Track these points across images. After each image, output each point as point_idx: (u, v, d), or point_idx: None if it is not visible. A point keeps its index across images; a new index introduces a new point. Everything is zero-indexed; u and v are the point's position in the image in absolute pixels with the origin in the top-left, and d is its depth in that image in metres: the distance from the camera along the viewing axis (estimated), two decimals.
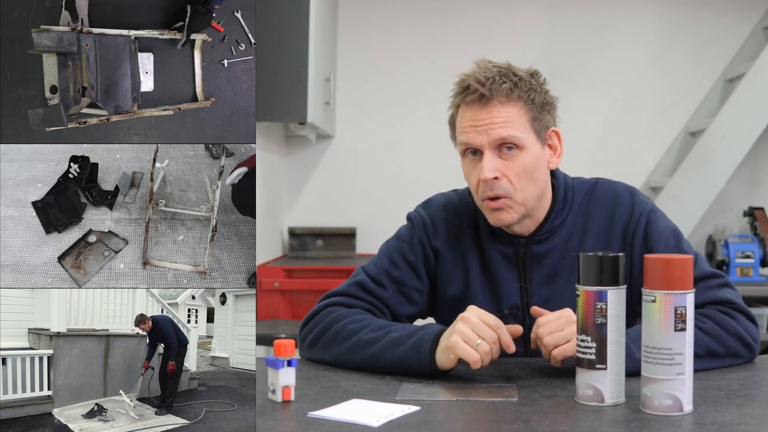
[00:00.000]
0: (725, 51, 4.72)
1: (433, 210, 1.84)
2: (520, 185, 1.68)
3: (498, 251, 1.77)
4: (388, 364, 1.60)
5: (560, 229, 1.76)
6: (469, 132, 1.68)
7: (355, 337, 1.65)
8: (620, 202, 1.76)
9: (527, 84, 1.68)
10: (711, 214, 4.48)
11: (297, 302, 3.92)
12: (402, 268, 1.80)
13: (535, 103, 1.69)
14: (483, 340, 1.51)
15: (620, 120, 4.72)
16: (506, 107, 1.66)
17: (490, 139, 1.66)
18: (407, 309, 1.80)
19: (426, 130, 4.68)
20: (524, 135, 1.67)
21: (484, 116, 1.66)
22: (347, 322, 1.69)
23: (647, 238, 1.73)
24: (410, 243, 1.82)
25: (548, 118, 1.73)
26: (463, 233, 1.81)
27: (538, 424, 1.29)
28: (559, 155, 1.77)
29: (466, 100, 1.68)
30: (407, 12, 4.72)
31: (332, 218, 4.72)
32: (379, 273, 1.80)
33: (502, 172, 1.67)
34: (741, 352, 1.65)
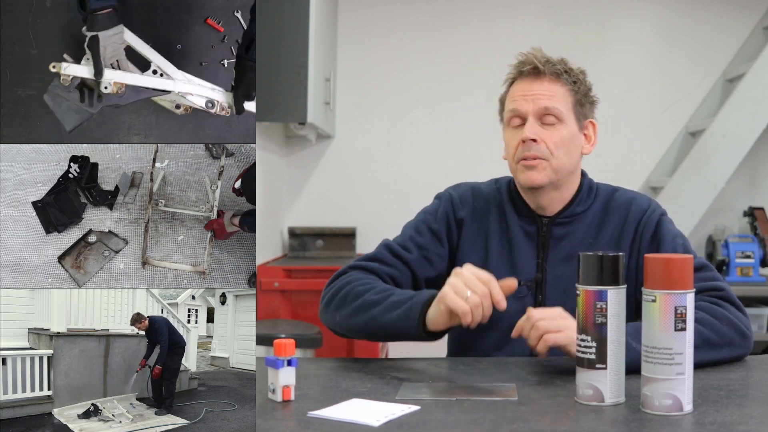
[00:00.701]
0: (725, 51, 4.72)
1: (462, 191, 1.95)
2: (557, 152, 1.80)
3: (521, 227, 1.87)
4: (383, 326, 1.67)
5: (582, 217, 1.86)
6: (518, 100, 1.82)
7: (361, 299, 1.72)
8: (637, 202, 1.87)
9: (575, 74, 1.85)
10: (711, 214, 4.48)
11: (297, 302, 3.92)
12: (426, 236, 1.89)
13: (580, 91, 1.85)
14: (474, 293, 1.53)
15: (620, 120, 4.71)
16: (555, 85, 1.82)
17: (536, 107, 1.80)
18: (428, 272, 1.88)
19: (426, 130, 4.68)
20: (566, 111, 1.82)
21: (535, 87, 1.82)
22: (358, 284, 1.76)
23: (657, 232, 1.82)
24: (435, 215, 1.91)
25: (589, 109, 1.89)
26: (489, 212, 1.90)
27: (538, 424, 1.29)
28: (593, 144, 1.91)
29: (523, 71, 1.83)
30: (407, 12, 4.72)
31: (332, 218, 4.72)
32: (405, 240, 1.89)
33: (541, 137, 1.79)
34: (736, 341, 1.65)
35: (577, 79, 1.86)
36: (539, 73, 1.82)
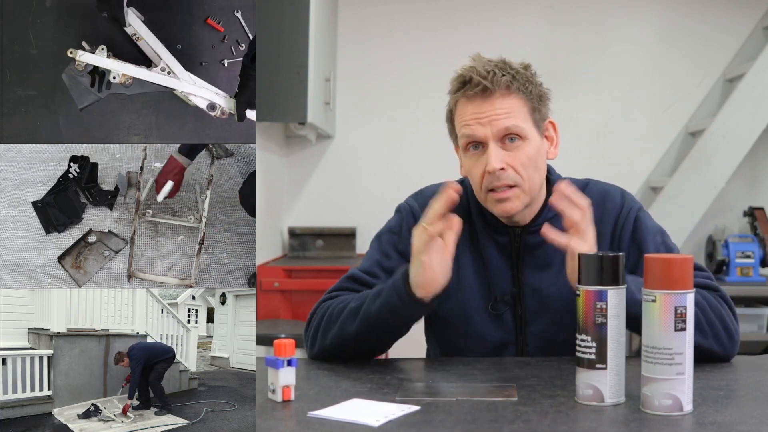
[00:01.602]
0: (725, 51, 4.72)
1: (424, 199, 1.82)
2: (526, 174, 1.69)
3: (492, 240, 1.78)
4: (376, 314, 1.62)
5: (554, 222, 1.75)
6: (472, 124, 1.69)
7: (344, 313, 1.67)
8: (610, 199, 1.78)
9: (524, 76, 1.70)
10: (711, 214, 4.48)
11: (297, 302, 3.92)
12: (393, 259, 1.79)
13: (533, 95, 1.71)
14: (426, 228, 1.55)
15: (620, 120, 4.71)
16: (507, 99, 1.68)
17: (494, 130, 1.67)
18: None
19: (426, 130, 4.67)
20: (526, 125, 1.69)
21: (486, 108, 1.68)
22: (335, 304, 1.71)
23: (635, 232, 1.75)
24: (399, 234, 1.81)
25: (545, 110, 1.75)
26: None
27: (538, 424, 1.29)
28: (556, 146, 1.79)
29: (468, 93, 1.69)
30: (407, 12, 4.72)
31: (332, 218, 4.72)
32: (372, 266, 1.80)
33: (507, 162, 1.68)
34: (721, 335, 1.62)
35: (526, 81, 1.70)
36: (489, 92, 1.67)
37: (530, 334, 1.76)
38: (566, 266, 1.58)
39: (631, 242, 1.74)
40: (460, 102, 1.71)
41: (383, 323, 1.63)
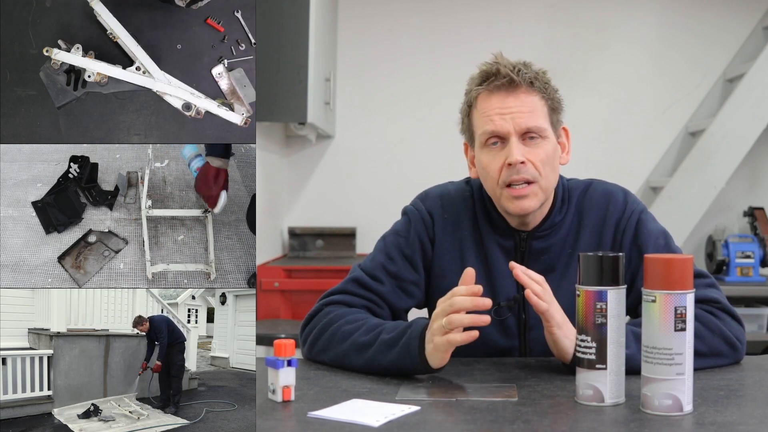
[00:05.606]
0: (725, 51, 4.72)
1: (430, 202, 1.82)
2: (544, 172, 1.69)
3: (497, 244, 1.78)
4: (384, 367, 1.59)
5: (560, 226, 1.77)
6: (496, 119, 1.69)
7: (350, 340, 1.64)
8: (613, 200, 1.78)
9: (543, 79, 1.72)
10: (711, 214, 4.48)
11: (297, 302, 3.92)
12: (399, 263, 1.79)
13: (552, 98, 1.73)
14: (450, 322, 1.49)
15: (620, 120, 4.71)
16: (530, 96, 1.69)
17: (517, 127, 1.68)
18: (405, 303, 1.80)
19: (426, 130, 4.67)
20: (547, 126, 1.71)
21: (511, 103, 1.68)
22: (343, 323, 1.67)
23: (637, 234, 1.74)
24: (407, 237, 1.80)
25: (560, 115, 1.76)
26: (461, 225, 1.80)
27: (538, 424, 1.29)
28: (567, 152, 1.80)
29: (494, 84, 1.69)
30: (407, 12, 4.72)
31: (332, 218, 4.72)
32: (375, 268, 1.78)
33: (527, 157, 1.68)
34: (724, 352, 1.63)
35: (546, 83, 1.72)
36: (515, 85, 1.68)
37: (533, 340, 1.75)
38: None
39: (631, 246, 1.74)
40: (483, 95, 1.71)
41: (390, 372, 1.60)
